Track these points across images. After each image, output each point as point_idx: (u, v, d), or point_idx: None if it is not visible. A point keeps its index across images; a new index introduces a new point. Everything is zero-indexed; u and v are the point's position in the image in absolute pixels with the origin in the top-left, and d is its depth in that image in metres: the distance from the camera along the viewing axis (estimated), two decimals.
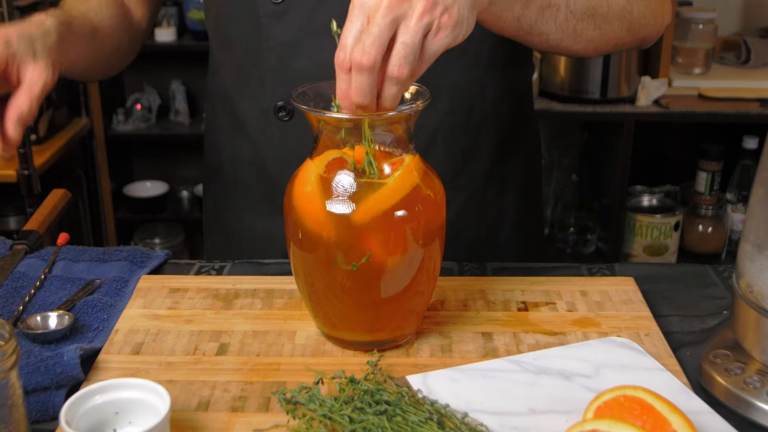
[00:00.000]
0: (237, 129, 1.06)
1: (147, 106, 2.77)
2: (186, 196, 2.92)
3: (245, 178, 1.08)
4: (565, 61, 2.24)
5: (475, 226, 1.07)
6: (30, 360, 0.74)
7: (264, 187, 1.05)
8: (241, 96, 1.03)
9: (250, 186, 1.07)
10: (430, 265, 0.78)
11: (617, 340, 0.80)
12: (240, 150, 1.07)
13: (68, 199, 1.15)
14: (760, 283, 0.73)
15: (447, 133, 1.01)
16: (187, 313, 0.87)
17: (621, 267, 0.98)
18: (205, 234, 1.20)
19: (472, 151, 1.04)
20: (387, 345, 0.80)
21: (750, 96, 2.22)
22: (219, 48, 1.05)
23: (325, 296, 0.78)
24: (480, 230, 1.07)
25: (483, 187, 1.06)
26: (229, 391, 0.75)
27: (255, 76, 1.00)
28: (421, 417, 0.66)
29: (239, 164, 1.08)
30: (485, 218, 1.07)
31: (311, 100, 0.78)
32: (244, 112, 1.04)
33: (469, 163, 1.04)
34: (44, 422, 0.72)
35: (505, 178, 1.08)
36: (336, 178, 0.75)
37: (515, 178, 1.09)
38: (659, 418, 0.64)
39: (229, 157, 1.09)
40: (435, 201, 0.77)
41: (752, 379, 0.73)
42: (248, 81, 1.01)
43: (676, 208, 2.37)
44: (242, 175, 1.08)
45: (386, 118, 0.75)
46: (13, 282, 0.92)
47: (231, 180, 1.10)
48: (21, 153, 2.12)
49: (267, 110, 1.01)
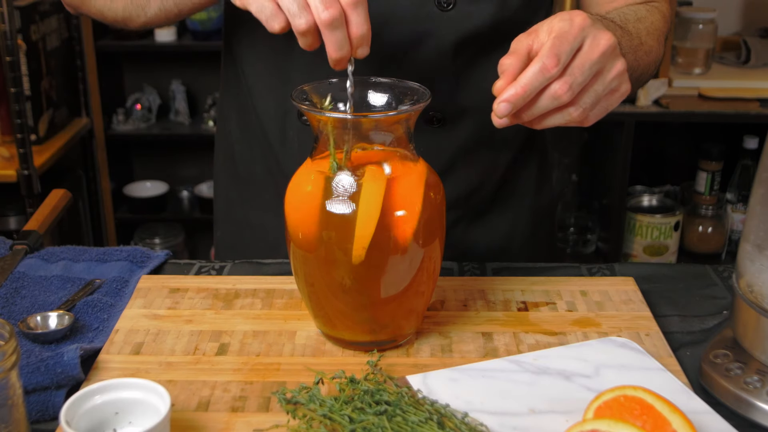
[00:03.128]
0: (252, 125, 1.05)
1: (147, 106, 2.77)
2: (186, 196, 2.92)
3: (256, 173, 1.07)
4: None
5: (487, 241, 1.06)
6: (30, 360, 0.74)
7: (274, 182, 1.05)
8: (263, 96, 1.02)
9: (261, 182, 1.07)
10: (430, 265, 0.78)
11: (617, 340, 0.80)
12: (253, 145, 1.06)
13: (68, 199, 1.15)
14: (760, 283, 0.73)
15: (467, 154, 1.01)
16: (187, 313, 0.87)
17: (621, 267, 0.98)
18: (215, 224, 1.19)
19: (488, 171, 1.04)
20: (387, 345, 0.80)
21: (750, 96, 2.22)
22: (245, 46, 1.03)
23: (325, 296, 0.78)
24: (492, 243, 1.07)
25: (495, 203, 1.06)
26: (229, 391, 0.75)
27: (280, 78, 0.99)
28: (421, 417, 0.66)
29: (251, 158, 1.08)
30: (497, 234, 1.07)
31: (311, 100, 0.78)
32: (265, 111, 1.03)
33: (485, 183, 1.04)
34: (44, 422, 0.72)
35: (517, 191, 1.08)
36: (336, 178, 0.75)
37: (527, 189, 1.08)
38: (659, 418, 0.64)
39: (240, 151, 1.09)
40: (435, 201, 0.77)
41: (752, 379, 0.73)
42: (274, 82, 1.00)
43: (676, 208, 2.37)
44: (253, 170, 1.08)
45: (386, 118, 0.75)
46: (13, 282, 0.92)
47: (242, 173, 1.10)
48: (21, 153, 2.13)
49: (290, 112, 1.00)
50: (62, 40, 2.47)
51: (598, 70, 0.74)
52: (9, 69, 2.09)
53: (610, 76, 0.75)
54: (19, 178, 2.15)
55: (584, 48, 0.73)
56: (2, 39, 2.05)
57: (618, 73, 0.75)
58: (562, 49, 0.72)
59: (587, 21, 0.74)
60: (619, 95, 0.77)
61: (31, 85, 2.25)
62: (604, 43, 0.74)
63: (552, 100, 0.73)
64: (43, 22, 2.32)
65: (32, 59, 2.25)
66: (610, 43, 0.74)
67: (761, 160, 0.74)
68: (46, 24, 2.34)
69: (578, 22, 0.74)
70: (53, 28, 2.40)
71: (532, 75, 0.72)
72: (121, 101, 2.80)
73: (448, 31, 0.93)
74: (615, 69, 0.75)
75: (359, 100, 0.80)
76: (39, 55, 2.31)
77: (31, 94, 2.26)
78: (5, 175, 2.19)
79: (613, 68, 0.75)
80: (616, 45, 0.75)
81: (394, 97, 0.80)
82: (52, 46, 2.40)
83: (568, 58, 0.73)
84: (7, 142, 2.28)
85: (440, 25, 0.92)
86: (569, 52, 0.72)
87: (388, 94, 0.80)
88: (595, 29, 0.74)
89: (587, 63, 0.73)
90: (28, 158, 2.14)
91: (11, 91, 2.10)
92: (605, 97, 0.76)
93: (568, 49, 0.72)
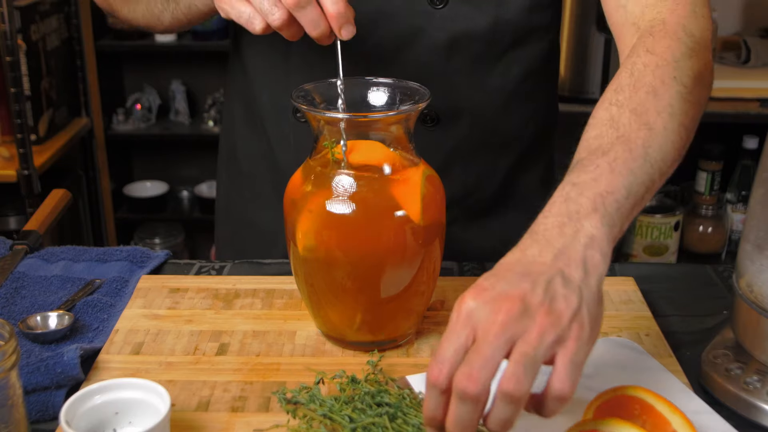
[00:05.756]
0: (254, 122, 1.06)
1: (147, 106, 2.76)
2: (186, 196, 2.92)
3: (257, 170, 1.08)
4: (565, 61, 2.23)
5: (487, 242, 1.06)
6: (30, 360, 0.74)
7: (274, 180, 1.05)
8: (263, 93, 1.03)
9: (261, 178, 1.07)
10: (430, 265, 0.78)
11: (617, 340, 0.80)
12: (254, 143, 1.07)
13: (68, 199, 1.15)
14: (760, 283, 0.73)
15: (464, 155, 1.00)
16: (187, 313, 0.87)
17: (621, 267, 0.98)
18: (216, 221, 1.19)
19: (488, 173, 1.03)
20: (387, 345, 0.80)
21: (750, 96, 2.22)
22: (246, 43, 1.04)
23: (325, 296, 0.78)
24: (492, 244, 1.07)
25: (495, 206, 1.06)
26: (229, 391, 0.75)
27: (280, 76, 1.00)
28: (421, 418, 0.66)
29: (252, 156, 1.08)
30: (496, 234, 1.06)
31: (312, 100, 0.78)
32: (265, 108, 1.03)
33: (483, 185, 1.03)
34: (44, 422, 0.72)
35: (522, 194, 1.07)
36: (336, 177, 0.75)
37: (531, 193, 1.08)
38: (659, 418, 0.64)
39: (243, 148, 1.09)
40: (435, 201, 0.77)
41: (752, 379, 0.72)
42: (273, 79, 1.01)
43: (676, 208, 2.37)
44: (254, 167, 1.08)
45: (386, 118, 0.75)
46: (13, 282, 0.92)
47: (243, 170, 1.10)
48: (21, 153, 2.13)
49: (286, 109, 1.00)
50: (62, 40, 2.47)
51: (509, 338, 0.56)
52: (9, 69, 2.09)
53: (534, 334, 0.56)
54: (19, 178, 2.15)
55: (479, 332, 0.57)
56: (2, 39, 2.05)
57: (546, 325, 0.56)
58: (442, 354, 0.57)
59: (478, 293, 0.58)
60: (575, 343, 0.57)
61: (31, 85, 2.25)
62: (504, 311, 0.56)
63: (462, 403, 0.56)
64: (43, 22, 2.32)
65: (32, 59, 2.25)
66: (508, 308, 0.56)
67: (761, 160, 0.74)
68: (46, 24, 2.34)
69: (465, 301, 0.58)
70: (53, 28, 2.40)
71: (431, 399, 0.58)
72: (121, 101, 2.80)
73: (440, 29, 0.92)
74: (537, 325, 0.56)
75: (359, 99, 0.80)
76: (39, 55, 2.31)
77: (31, 94, 2.26)
78: (5, 175, 2.19)
79: (534, 326, 0.56)
80: (518, 307, 0.56)
81: (394, 97, 0.80)
82: (52, 46, 2.39)
83: (452, 363, 0.57)
84: (7, 142, 2.28)
85: (432, 23, 0.92)
86: (453, 351, 0.57)
87: (388, 93, 0.80)
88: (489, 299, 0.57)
89: (485, 342, 0.56)
90: (28, 158, 2.14)
91: (11, 91, 2.10)
92: (560, 355, 0.57)
93: (452, 350, 0.57)
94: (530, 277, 0.58)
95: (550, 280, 0.58)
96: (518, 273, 0.59)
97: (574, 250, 0.59)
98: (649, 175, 0.66)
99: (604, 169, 0.64)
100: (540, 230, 0.61)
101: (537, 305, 0.56)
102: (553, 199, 0.64)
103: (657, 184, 0.67)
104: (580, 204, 0.62)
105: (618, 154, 0.65)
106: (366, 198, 0.74)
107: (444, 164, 0.99)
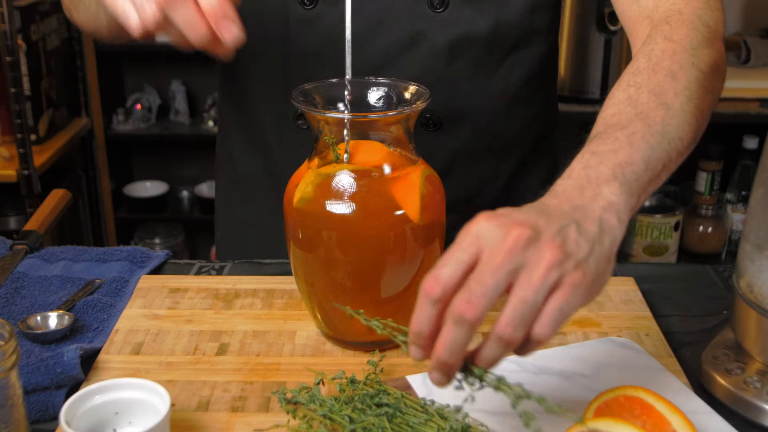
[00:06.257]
0: (251, 128, 1.05)
1: (147, 106, 2.76)
2: (186, 196, 2.92)
3: (255, 174, 1.07)
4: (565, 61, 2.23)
5: None
6: (30, 360, 0.74)
7: (274, 183, 1.05)
8: (260, 99, 1.02)
9: (260, 182, 1.07)
10: (431, 265, 0.78)
11: (617, 340, 0.80)
12: (252, 147, 1.06)
13: (68, 199, 1.15)
14: (760, 283, 0.73)
15: (466, 159, 1.00)
16: (187, 313, 0.87)
17: (621, 267, 0.98)
18: (215, 224, 1.19)
19: (490, 176, 1.03)
20: (387, 345, 0.80)
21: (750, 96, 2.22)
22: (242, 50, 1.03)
23: (325, 296, 0.78)
24: None
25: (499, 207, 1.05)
26: (229, 391, 0.75)
27: (278, 82, 0.98)
28: (421, 418, 0.66)
29: (249, 159, 1.07)
30: None
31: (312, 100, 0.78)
32: (262, 114, 1.03)
33: (486, 188, 1.03)
34: (44, 422, 0.72)
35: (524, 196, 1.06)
36: (336, 178, 0.75)
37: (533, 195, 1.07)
38: (659, 418, 0.64)
39: (239, 152, 1.09)
40: (435, 201, 0.77)
41: (752, 379, 0.72)
42: (270, 86, 1.00)
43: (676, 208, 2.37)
44: (252, 171, 1.08)
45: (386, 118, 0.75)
46: (13, 282, 0.92)
47: (241, 174, 1.10)
48: (21, 153, 2.13)
49: (286, 116, 1.00)
50: (62, 40, 2.47)
51: (513, 269, 0.55)
52: (9, 69, 2.09)
53: (538, 272, 0.55)
54: (19, 178, 2.15)
55: (484, 255, 0.56)
56: (2, 39, 2.05)
57: (552, 262, 0.55)
58: (442, 267, 0.56)
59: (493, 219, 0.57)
60: (581, 291, 0.56)
61: (31, 85, 2.25)
62: (514, 236, 0.55)
63: (457, 326, 0.55)
64: (43, 22, 2.32)
65: (32, 59, 2.25)
66: (519, 233, 0.55)
67: (761, 160, 0.74)
68: (46, 24, 2.34)
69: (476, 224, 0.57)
70: (53, 28, 2.40)
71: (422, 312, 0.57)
72: (121, 101, 2.80)
73: (441, 32, 0.92)
74: (543, 261, 0.55)
75: (359, 99, 0.80)
76: (39, 55, 2.31)
77: (31, 94, 2.26)
78: (5, 175, 2.19)
79: (539, 261, 0.55)
80: (528, 234, 0.55)
81: (394, 97, 0.80)
82: (52, 46, 2.39)
83: (450, 279, 0.56)
84: (7, 142, 2.28)
85: (433, 26, 0.92)
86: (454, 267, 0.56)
87: (388, 93, 0.80)
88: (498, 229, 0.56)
89: (488, 269, 0.55)
90: (28, 158, 2.14)
91: (11, 91, 2.10)
92: (552, 299, 0.55)
93: (453, 264, 0.56)
94: (547, 215, 0.58)
95: (565, 224, 0.57)
96: (536, 210, 0.59)
97: (592, 209, 0.59)
98: (666, 152, 0.66)
99: (623, 142, 0.64)
100: (560, 190, 0.62)
101: (548, 239, 0.56)
102: (573, 166, 0.64)
103: (673, 163, 0.67)
104: (600, 171, 0.62)
105: (637, 129, 0.65)
106: (365, 198, 0.74)
107: (446, 168, 0.99)
